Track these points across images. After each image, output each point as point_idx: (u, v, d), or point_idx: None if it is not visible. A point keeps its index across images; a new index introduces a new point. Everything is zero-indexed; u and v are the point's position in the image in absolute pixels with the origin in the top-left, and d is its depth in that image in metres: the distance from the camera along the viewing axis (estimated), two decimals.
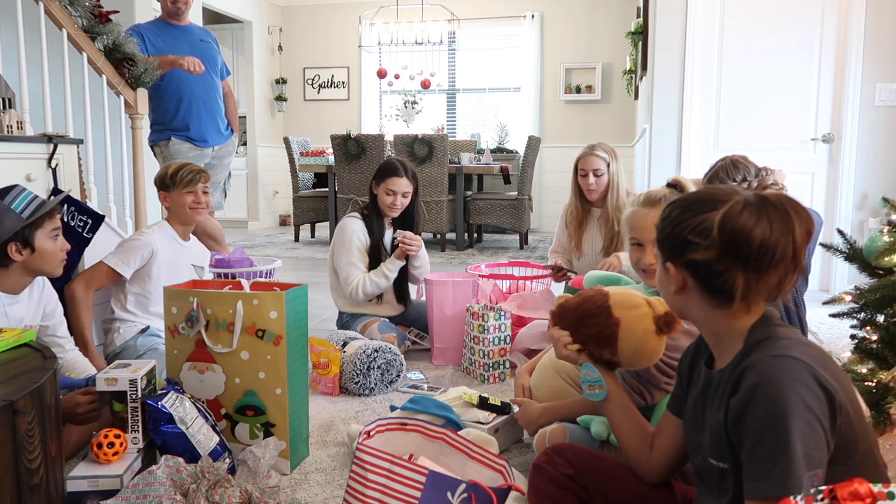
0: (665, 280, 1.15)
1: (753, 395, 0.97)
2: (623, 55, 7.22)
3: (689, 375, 1.23)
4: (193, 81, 3.69)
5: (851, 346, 1.88)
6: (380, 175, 2.92)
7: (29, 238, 1.86)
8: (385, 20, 7.60)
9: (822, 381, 0.96)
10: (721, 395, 1.07)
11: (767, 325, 1.07)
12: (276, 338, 1.77)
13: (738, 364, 1.05)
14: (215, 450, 1.70)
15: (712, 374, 1.13)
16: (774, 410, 0.94)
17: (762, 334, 1.06)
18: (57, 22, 2.96)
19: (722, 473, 1.06)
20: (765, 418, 0.95)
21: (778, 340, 1.03)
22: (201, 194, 2.54)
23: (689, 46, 4.13)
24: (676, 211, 1.10)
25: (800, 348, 1.01)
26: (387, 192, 2.89)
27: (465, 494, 1.26)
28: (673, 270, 1.11)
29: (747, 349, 1.05)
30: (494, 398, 2.04)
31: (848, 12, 3.93)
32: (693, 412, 1.18)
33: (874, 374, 1.71)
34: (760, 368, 0.98)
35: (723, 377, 1.08)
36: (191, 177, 2.51)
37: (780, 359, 0.98)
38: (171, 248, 2.53)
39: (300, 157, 6.82)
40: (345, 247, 2.92)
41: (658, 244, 1.14)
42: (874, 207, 3.96)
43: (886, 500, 0.75)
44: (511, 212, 6.16)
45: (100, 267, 2.39)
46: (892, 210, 1.89)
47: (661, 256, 1.14)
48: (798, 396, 0.94)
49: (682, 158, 4.20)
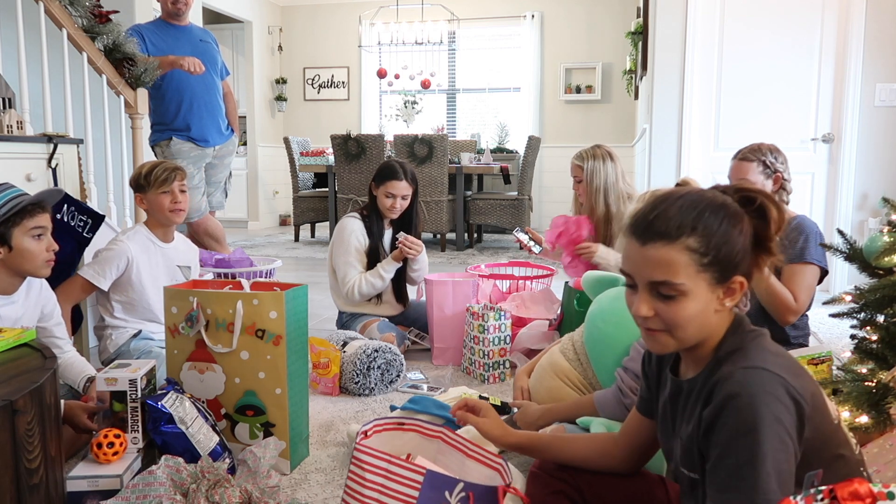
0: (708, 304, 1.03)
1: (725, 407, 0.96)
2: (623, 55, 7.22)
3: (657, 378, 1.22)
4: (194, 81, 3.69)
5: (851, 346, 1.88)
6: (379, 177, 2.91)
7: (5, 236, 1.80)
8: (385, 20, 7.60)
9: (792, 393, 0.96)
10: (692, 406, 1.06)
11: (740, 333, 1.07)
12: (276, 338, 1.77)
13: (709, 375, 1.04)
14: (215, 450, 1.70)
15: (681, 383, 1.11)
16: (746, 424, 0.94)
17: (734, 344, 1.05)
18: (57, 22, 2.96)
19: (693, 483, 1.07)
20: (735, 431, 0.94)
21: (749, 350, 1.03)
22: (178, 193, 2.44)
23: (689, 46, 4.13)
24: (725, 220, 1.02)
25: (771, 359, 1.01)
26: (386, 194, 2.89)
27: (462, 493, 1.26)
28: (741, 281, 1.04)
29: (718, 359, 1.05)
30: (494, 398, 2.04)
31: (848, 12, 3.93)
32: (663, 418, 1.18)
33: (874, 374, 1.70)
34: (733, 381, 0.98)
35: (693, 387, 1.07)
36: (165, 175, 2.41)
37: (753, 371, 0.98)
38: (149, 252, 2.44)
39: (300, 156, 6.82)
40: (343, 246, 2.92)
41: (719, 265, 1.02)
42: (874, 207, 3.96)
43: (886, 500, 0.76)
44: (511, 212, 6.16)
45: (76, 280, 2.33)
46: (892, 210, 1.89)
47: (717, 279, 1.02)
48: (769, 410, 0.94)
49: (682, 158, 4.20)
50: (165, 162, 2.50)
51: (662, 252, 1.01)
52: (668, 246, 1.01)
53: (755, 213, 1.05)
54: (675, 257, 1.01)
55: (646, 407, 1.26)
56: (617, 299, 1.86)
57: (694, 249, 1.00)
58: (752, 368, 0.98)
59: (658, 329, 1.05)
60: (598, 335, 1.87)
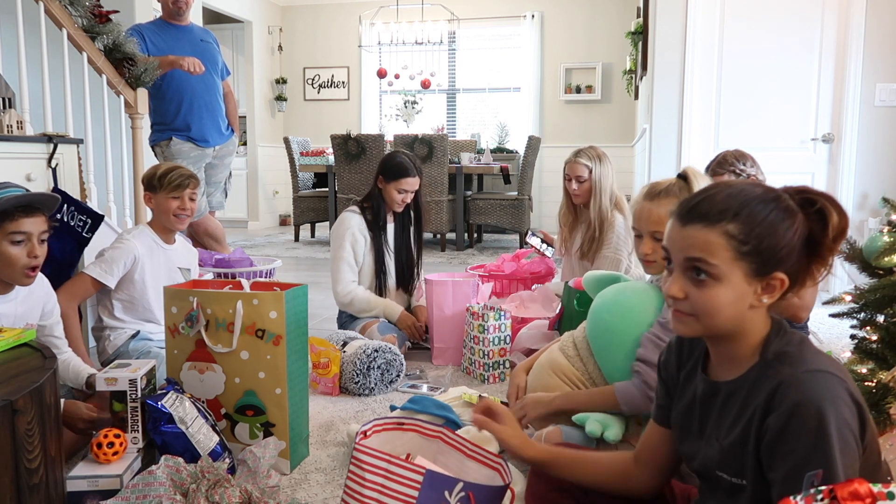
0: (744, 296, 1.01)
1: (794, 414, 0.94)
2: (623, 55, 7.22)
3: (675, 381, 1.19)
4: (195, 81, 3.69)
5: (851, 346, 1.88)
6: (390, 174, 2.91)
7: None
8: (385, 20, 7.60)
9: (854, 396, 0.96)
10: (740, 410, 1.03)
11: (782, 334, 1.05)
12: (276, 338, 1.77)
13: (759, 377, 1.01)
14: (215, 450, 1.70)
15: (718, 385, 1.08)
16: (819, 431, 0.92)
17: (781, 346, 1.03)
18: (57, 22, 2.96)
19: (735, 487, 1.03)
20: (809, 440, 0.92)
21: (802, 352, 1.01)
22: (188, 200, 2.42)
23: (689, 46, 4.13)
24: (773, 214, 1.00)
25: (827, 361, 0.99)
26: (398, 190, 2.91)
27: (462, 493, 1.26)
28: (782, 278, 1.01)
29: (766, 361, 1.02)
30: (494, 398, 2.04)
31: (848, 12, 3.93)
32: (686, 420, 1.15)
33: (874, 374, 1.71)
34: (799, 387, 0.95)
35: (737, 389, 1.04)
36: (179, 181, 2.39)
37: (818, 375, 0.96)
38: (153, 252, 2.44)
39: (300, 156, 6.83)
40: (337, 240, 2.93)
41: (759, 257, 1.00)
42: (874, 207, 3.96)
43: (886, 500, 0.75)
44: (511, 212, 6.16)
45: (83, 278, 2.32)
46: (892, 210, 1.89)
47: (756, 270, 1.00)
48: (840, 415, 0.93)
49: (682, 158, 4.20)
50: (182, 168, 2.48)
51: (701, 234, 1.01)
52: (707, 228, 1.00)
53: (815, 216, 1.02)
54: (713, 240, 1.00)
55: (664, 416, 1.22)
56: (621, 291, 1.86)
57: (733, 235, 0.99)
58: (816, 372, 0.96)
59: (686, 313, 1.04)
60: (604, 326, 1.86)
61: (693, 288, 1.02)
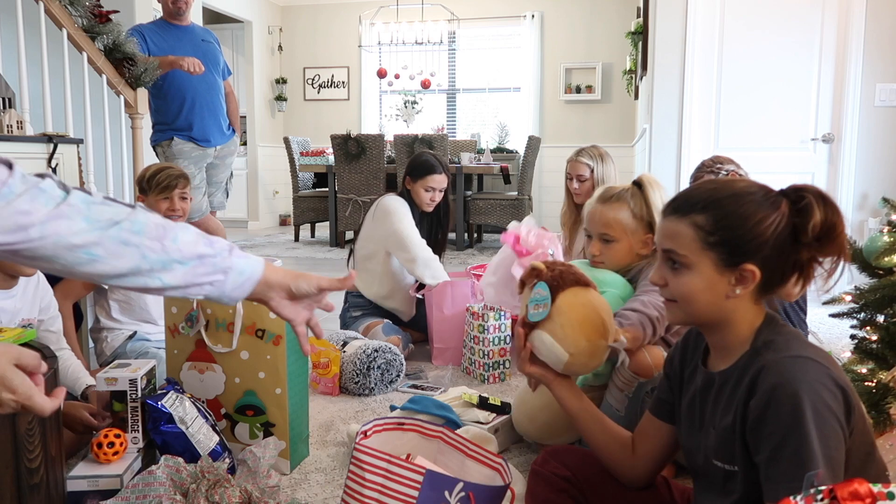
0: (716, 285, 1.05)
1: (773, 397, 0.96)
2: (623, 55, 7.22)
3: (679, 377, 1.21)
4: (196, 81, 3.69)
5: (851, 346, 1.89)
6: (417, 172, 2.92)
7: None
8: (385, 20, 7.60)
9: (837, 380, 0.97)
10: (730, 396, 1.06)
11: (774, 326, 1.07)
12: (276, 338, 1.77)
13: (747, 364, 1.04)
14: (215, 450, 1.70)
15: (713, 375, 1.11)
16: (795, 412, 0.94)
17: (770, 334, 1.06)
18: (57, 22, 2.96)
19: (728, 475, 1.06)
20: (786, 421, 0.94)
21: (788, 341, 1.03)
22: (177, 201, 2.41)
23: (689, 46, 4.13)
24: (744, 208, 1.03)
25: (811, 349, 1.02)
26: (426, 188, 2.92)
27: (462, 493, 1.26)
28: (752, 269, 1.03)
29: (755, 349, 1.05)
30: (494, 398, 2.04)
31: (848, 12, 3.93)
32: (689, 413, 1.17)
33: (874, 374, 1.71)
34: (778, 370, 0.98)
35: (728, 377, 1.07)
36: (167, 182, 2.38)
37: (798, 360, 0.98)
38: None
39: (300, 156, 6.82)
40: (396, 216, 2.84)
41: (726, 247, 1.04)
42: (874, 207, 3.96)
43: (886, 500, 0.75)
44: (511, 212, 6.16)
45: None
46: (892, 210, 1.89)
47: (724, 261, 1.05)
48: (819, 397, 0.94)
49: (682, 158, 4.20)
50: (171, 168, 2.47)
51: (673, 225, 1.09)
52: (678, 220, 1.08)
53: (801, 212, 1.03)
54: (682, 231, 1.07)
55: (662, 410, 1.24)
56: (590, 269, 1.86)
57: (700, 226, 1.05)
58: (796, 357, 0.99)
59: (670, 299, 1.12)
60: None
61: (671, 276, 1.10)
